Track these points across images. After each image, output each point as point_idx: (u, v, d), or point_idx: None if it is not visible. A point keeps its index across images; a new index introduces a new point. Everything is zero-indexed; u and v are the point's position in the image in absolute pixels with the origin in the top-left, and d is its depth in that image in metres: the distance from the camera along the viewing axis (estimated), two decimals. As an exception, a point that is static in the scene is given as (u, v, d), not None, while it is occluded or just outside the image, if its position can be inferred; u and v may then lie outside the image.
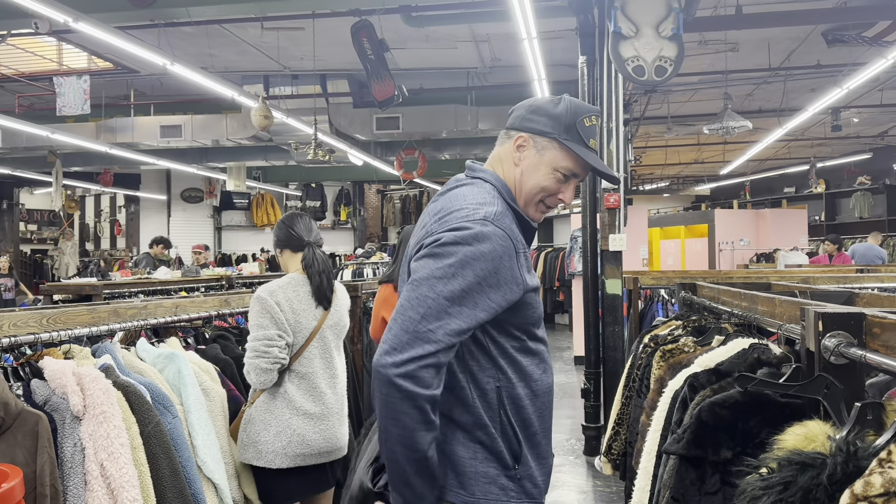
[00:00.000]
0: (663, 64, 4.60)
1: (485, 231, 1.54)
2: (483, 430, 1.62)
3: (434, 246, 1.55)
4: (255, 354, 2.67)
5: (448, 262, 1.51)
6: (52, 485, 1.83)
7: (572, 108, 1.69)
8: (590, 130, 1.69)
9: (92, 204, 18.96)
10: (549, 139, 1.68)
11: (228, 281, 7.41)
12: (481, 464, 1.62)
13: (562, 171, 1.69)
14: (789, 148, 15.27)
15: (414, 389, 1.43)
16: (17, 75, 9.19)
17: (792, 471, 1.12)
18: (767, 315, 2.35)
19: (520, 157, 1.71)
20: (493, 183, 1.71)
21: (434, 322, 1.47)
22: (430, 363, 1.45)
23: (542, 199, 1.72)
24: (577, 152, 1.67)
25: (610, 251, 5.33)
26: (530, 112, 1.72)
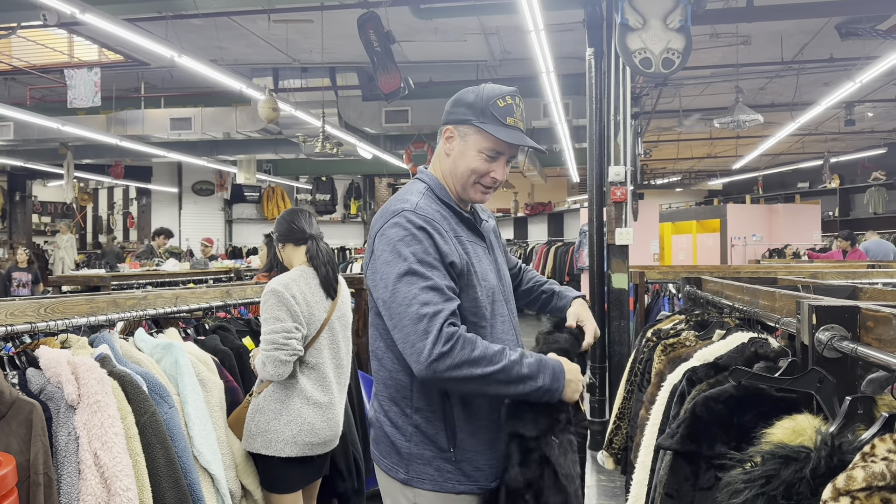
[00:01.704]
0: (671, 56, 4.56)
1: (400, 221, 1.74)
2: (420, 415, 1.77)
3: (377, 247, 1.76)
4: (273, 347, 2.67)
5: (388, 258, 1.72)
6: (45, 473, 1.84)
7: (485, 93, 1.83)
8: (505, 110, 1.82)
9: (105, 196, 19.09)
10: (468, 125, 1.83)
11: (237, 273, 7.44)
12: (416, 446, 1.78)
13: (486, 151, 1.83)
14: (803, 143, 15.13)
15: (452, 367, 1.60)
16: (28, 67, 9.25)
17: (775, 464, 1.11)
18: (768, 309, 2.32)
19: (449, 147, 1.87)
20: (424, 180, 1.90)
21: (417, 307, 1.64)
22: (440, 333, 1.61)
23: (477, 181, 1.86)
24: (492, 132, 1.79)
25: (616, 245, 5.30)
26: (452, 105, 1.87)
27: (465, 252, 1.80)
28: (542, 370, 1.68)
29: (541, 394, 1.67)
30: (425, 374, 1.62)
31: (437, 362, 1.60)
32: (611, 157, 5.26)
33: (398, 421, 1.80)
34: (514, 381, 1.64)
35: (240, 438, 2.74)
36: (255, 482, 2.68)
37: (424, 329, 1.61)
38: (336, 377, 2.90)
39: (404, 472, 1.79)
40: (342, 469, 3.17)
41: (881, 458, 0.98)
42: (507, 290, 1.98)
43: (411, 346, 1.63)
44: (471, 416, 1.78)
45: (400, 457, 1.80)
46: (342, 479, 3.18)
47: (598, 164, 5.42)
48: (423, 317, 1.62)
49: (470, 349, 1.61)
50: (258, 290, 3.49)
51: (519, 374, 1.64)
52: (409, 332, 1.64)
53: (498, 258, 2.00)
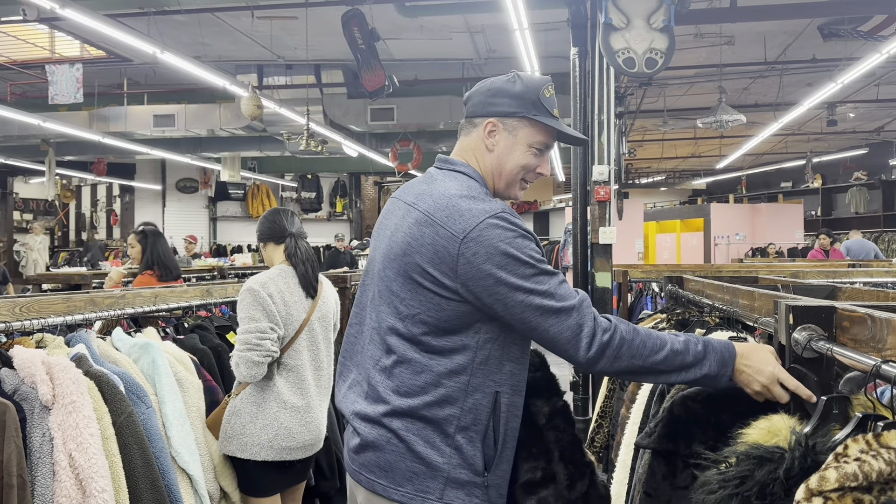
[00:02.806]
0: (654, 56, 4.57)
1: (501, 224, 1.62)
2: (464, 434, 1.60)
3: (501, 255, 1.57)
4: (246, 347, 2.62)
5: (502, 262, 1.57)
6: (19, 475, 1.81)
7: (531, 83, 1.72)
8: (551, 100, 1.73)
9: (88, 193, 18.93)
10: (517, 119, 1.71)
11: (220, 271, 7.39)
12: (454, 469, 1.59)
13: (537, 145, 1.73)
14: (786, 143, 15.26)
15: (612, 360, 1.57)
16: (8, 63, 9.14)
17: (749, 465, 1.11)
18: (748, 309, 2.33)
19: (493, 142, 1.73)
20: (472, 176, 1.72)
21: (561, 301, 1.58)
22: (595, 324, 1.57)
23: (523, 177, 1.76)
24: (550, 124, 1.71)
25: (600, 244, 5.31)
26: (491, 96, 1.73)
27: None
28: (708, 356, 1.59)
29: (707, 382, 1.61)
30: (590, 368, 1.58)
31: (602, 357, 1.56)
32: (595, 156, 5.27)
33: (436, 440, 1.60)
34: (677, 370, 1.60)
35: (217, 440, 2.70)
36: (232, 484, 2.66)
37: (579, 325, 1.55)
38: (315, 379, 2.86)
39: (437, 498, 1.58)
40: (324, 468, 3.15)
41: (854, 458, 0.98)
42: None
43: (570, 346, 1.56)
44: (508, 438, 1.66)
45: (434, 481, 1.59)
46: (325, 479, 3.16)
47: (583, 164, 5.43)
48: (572, 312, 1.55)
49: (629, 339, 1.57)
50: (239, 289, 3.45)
51: (683, 363, 1.59)
52: (562, 332, 1.56)
53: None
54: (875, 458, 0.96)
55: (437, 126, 10.04)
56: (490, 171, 1.74)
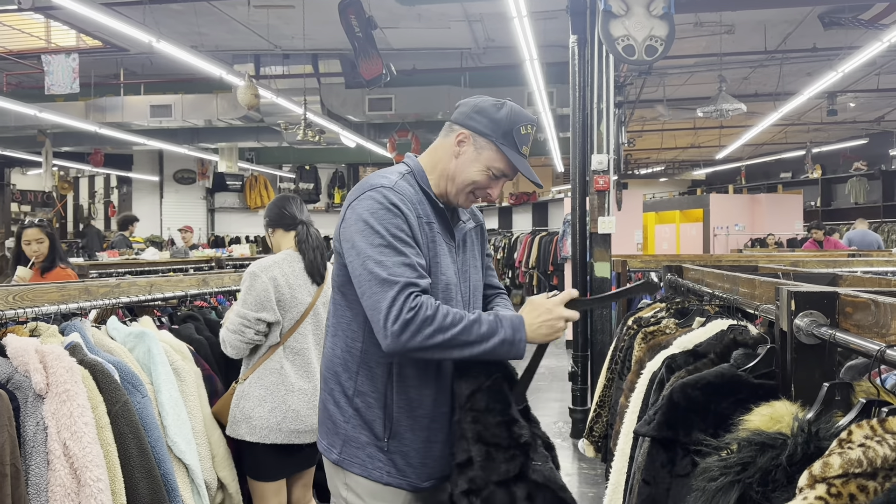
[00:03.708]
0: (654, 43, 4.54)
1: (376, 196, 1.76)
2: (361, 399, 1.80)
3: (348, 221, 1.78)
4: (230, 330, 2.71)
5: (361, 228, 1.74)
6: (12, 464, 1.79)
7: (512, 116, 1.84)
8: (524, 138, 1.85)
9: (85, 185, 18.86)
10: (487, 140, 1.84)
11: (218, 262, 7.36)
12: (353, 429, 1.80)
13: (494, 170, 1.85)
14: (786, 133, 15.21)
15: (415, 332, 1.63)
16: (4, 53, 9.08)
17: (752, 451, 1.09)
18: (748, 297, 2.31)
19: (459, 150, 1.86)
20: (409, 165, 1.90)
21: (387, 278, 1.67)
22: (406, 302, 1.64)
23: (472, 191, 1.88)
24: (510, 158, 1.83)
25: (599, 234, 5.29)
26: (474, 111, 1.86)
27: (434, 241, 1.82)
28: (501, 324, 1.70)
29: (506, 347, 1.69)
30: (390, 345, 1.64)
31: (402, 333, 1.62)
32: (594, 145, 5.24)
33: (340, 401, 1.83)
34: (477, 341, 1.67)
35: (225, 425, 2.72)
36: (231, 475, 2.64)
37: (393, 298, 1.63)
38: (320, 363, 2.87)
39: (338, 452, 1.82)
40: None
41: (858, 444, 0.96)
42: (470, 295, 1.97)
43: (379, 317, 1.65)
44: (412, 410, 1.79)
45: (336, 437, 1.83)
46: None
47: (582, 153, 5.40)
48: (393, 287, 1.64)
49: (433, 315, 1.63)
50: (236, 279, 3.44)
51: (479, 334, 1.67)
52: (378, 303, 1.65)
53: (469, 261, 1.98)
54: (880, 443, 0.94)
55: (436, 116, 9.98)
56: (447, 174, 1.87)
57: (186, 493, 2.29)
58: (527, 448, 1.71)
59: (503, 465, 1.68)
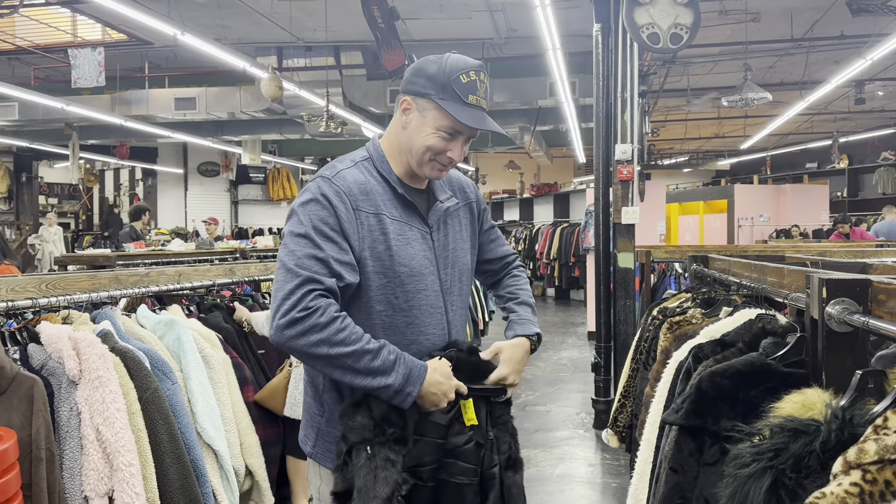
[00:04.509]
0: (679, 31, 4.49)
1: (311, 186, 1.70)
2: (329, 395, 1.76)
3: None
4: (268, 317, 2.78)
5: (291, 218, 1.69)
6: (47, 448, 1.83)
7: (448, 66, 1.70)
8: (468, 86, 1.69)
9: (111, 177, 19.09)
10: (427, 99, 1.71)
11: (242, 253, 7.43)
12: (327, 423, 1.77)
13: (444, 130, 1.71)
14: (812, 122, 14.99)
15: (299, 335, 1.55)
16: (32, 47, 9.21)
17: (784, 437, 1.08)
18: (776, 286, 2.29)
19: (406, 119, 1.75)
20: (368, 149, 1.82)
21: (294, 269, 1.60)
22: (302, 299, 1.56)
23: (433, 158, 1.74)
24: (451, 111, 1.67)
25: (623, 224, 5.26)
26: (412, 74, 1.75)
27: (384, 232, 1.70)
28: (398, 368, 1.58)
29: (390, 394, 1.57)
30: (274, 336, 1.56)
31: (287, 328, 1.53)
32: (618, 135, 5.21)
33: (314, 395, 1.80)
34: (362, 372, 1.56)
35: (276, 410, 2.80)
36: (259, 462, 2.67)
37: (290, 291, 1.55)
38: None
39: (311, 445, 1.79)
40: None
41: (894, 430, 0.95)
42: (451, 281, 1.83)
43: (274, 305, 1.57)
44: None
45: (311, 429, 1.80)
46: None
47: (605, 143, 5.37)
48: (295, 279, 1.56)
49: (325, 323, 1.53)
50: (262, 269, 3.48)
51: (368, 367, 1.55)
52: (277, 291, 1.58)
53: (452, 243, 1.85)
54: (917, 429, 0.94)
55: (457, 107, 9.95)
56: (403, 148, 1.77)
57: (215, 479, 2.32)
58: (378, 433, 1.60)
59: (354, 426, 1.61)
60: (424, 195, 1.83)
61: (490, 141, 14.36)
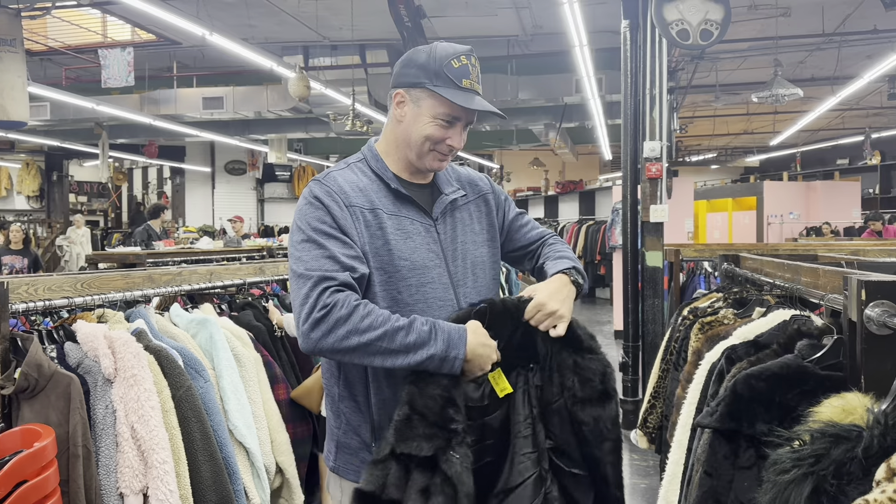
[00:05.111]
0: (709, 27, 4.44)
1: (305, 192, 1.70)
2: (345, 403, 1.71)
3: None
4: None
5: (292, 228, 1.70)
6: (84, 445, 1.86)
7: (438, 53, 1.69)
8: (461, 70, 1.68)
9: (139, 176, 19.35)
10: (421, 89, 1.69)
11: (269, 251, 7.50)
12: (345, 434, 1.72)
13: (441, 117, 1.69)
14: (843, 118, 14.75)
15: (327, 333, 1.52)
16: (63, 48, 9.35)
17: (825, 443, 1.07)
18: (811, 286, 2.26)
19: (401, 113, 1.73)
20: (363, 151, 1.81)
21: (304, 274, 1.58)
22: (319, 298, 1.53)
23: (432, 148, 1.72)
24: (447, 96, 1.65)
25: (651, 223, 5.21)
26: (402, 66, 1.73)
27: (381, 227, 1.67)
28: (435, 336, 1.52)
29: (437, 363, 1.51)
30: (303, 344, 1.54)
31: (312, 331, 1.51)
32: (646, 132, 5.16)
33: (332, 407, 1.76)
34: (401, 351, 1.51)
35: (311, 408, 2.82)
36: (289, 460, 2.69)
37: (306, 295, 1.53)
38: None
39: (333, 459, 1.75)
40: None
41: (940, 437, 0.93)
42: (462, 273, 1.78)
43: (295, 314, 1.55)
44: (391, 411, 1.62)
45: (332, 443, 1.76)
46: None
47: (633, 140, 5.33)
48: (307, 282, 1.54)
49: (347, 314, 1.50)
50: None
51: (404, 343, 1.51)
52: (294, 300, 1.57)
53: (462, 236, 1.81)
54: (964, 436, 0.92)
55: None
56: (400, 142, 1.75)
57: (247, 477, 2.34)
58: (452, 435, 1.50)
59: (419, 439, 1.49)
60: (427, 189, 1.80)
61: (515, 138, 14.32)
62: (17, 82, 6.00)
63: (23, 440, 1.73)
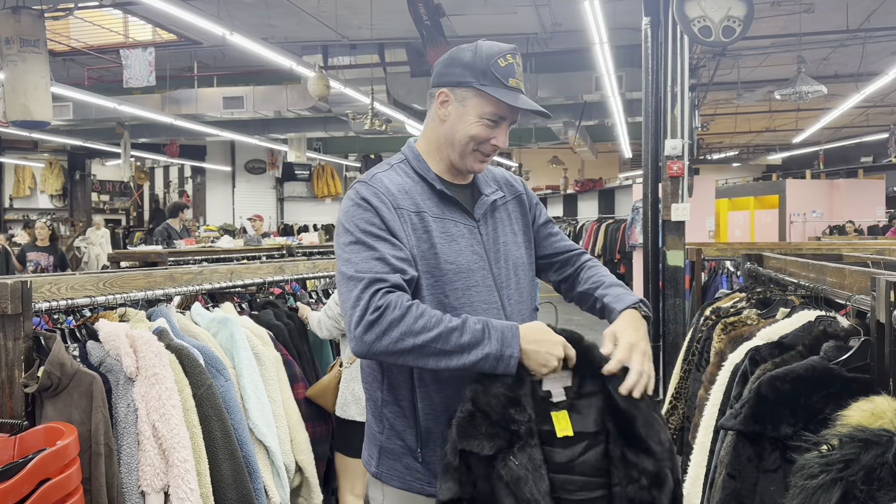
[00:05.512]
0: (731, 24, 4.38)
1: (350, 193, 1.68)
2: (389, 409, 1.67)
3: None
4: (328, 316, 2.92)
5: (338, 230, 1.66)
6: (106, 444, 1.87)
7: (484, 52, 1.66)
8: (507, 69, 1.66)
9: (161, 175, 19.52)
10: (467, 88, 1.66)
11: (288, 250, 7.53)
12: (388, 440, 1.68)
13: (488, 116, 1.67)
14: (867, 115, 14.55)
15: (381, 335, 1.47)
16: (85, 48, 9.45)
17: (854, 448, 1.04)
18: (836, 286, 2.22)
19: (445, 112, 1.70)
20: (404, 151, 1.79)
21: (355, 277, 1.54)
22: (371, 300, 1.49)
23: (476, 148, 1.70)
24: (496, 95, 1.63)
25: (672, 221, 5.16)
26: (446, 66, 1.71)
27: (426, 230, 1.65)
28: (489, 335, 1.48)
29: (492, 363, 1.47)
30: (356, 348, 1.50)
31: (366, 334, 1.47)
32: (667, 130, 5.11)
33: (374, 411, 1.72)
34: (456, 352, 1.47)
35: (327, 407, 2.88)
36: (309, 458, 2.70)
37: (357, 297, 1.50)
38: None
39: (375, 465, 1.71)
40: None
41: (975, 443, 0.91)
42: (506, 275, 1.75)
43: (347, 318, 1.52)
44: (438, 416, 1.63)
45: (374, 448, 1.71)
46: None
47: (654, 138, 5.28)
48: (358, 284, 1.51)
49: (400, 316, 1.47)
50: (310, 267, 3.52)
51: (459, 344, 1.47)
52: (345, 303, 1.53)
53: (503, 237, 1.78)
54: None
55: (501, 103, 9.90)
56: (443, 142, 1.72)
57: (267, 475, 2.35)
58: (513, 437, 1.45)
59: (480, 438, 1.45)
60: (468, 190, 1.78)
61: (534, 136, 14.27)
62: (40, 82, 6.06)
63: (46, 438, 1.75)
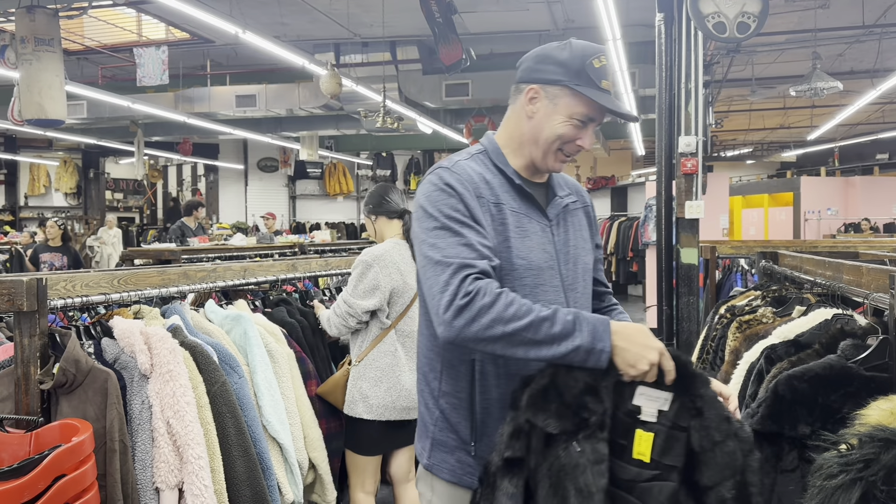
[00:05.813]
0: (746, 20, 4.35)
1: (432, 178, 1.65)
2: (446, 399, 1.67)
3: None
4: (336, 313, 2.90)
5: (420, 215, 1.63)
6: (121, 440, 1.88)
7: (579, 52, 1.64)
8: (600, 71, 1.64)
9: (174, 173, 19.62)
10: (560, 87, 1.64)
11: (301, 247, 7.54)
12: (441, 432, 1.67)
13: (578, 117, 1.65)
14: (883, 112, 14.40)
15: (470, 321, 1.45)
16: (99, 47, 9.50)
17: (874, 448, 1.03)
18: (853, 284, 2.20)
19: (533, 109, 1.68)
20: (483, 143, 1.76)
21: (443, 262, 1.52)
22: (461, 285, 1.47)
23: (560, 147, 1.68)
24: (591, 96, 1.62)
25: (686, 219, 5.13)
26: (538, 62, 1.68)
27: (503, 222, 1.63)
28: (580, 326, 1.44)
29: (582, 355, 1.42)
30: (444, 332, 1.47)
31: (455, 319, 1.45)
32: (681, 127, 5.08)
33: (429, 402, 1.70)
34: (546, 342, 1.43)
35: (336, 405, 2.90)
36: (322, 455, 2.71)
37: (446, 282, 1.47)
38: None
39: (427, 457, 1.70)
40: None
41: None
42: (574, 278, 1.74)
43: (434, 302, 1.49)
44: (496, 411, 1.61)
45: (427, 440, 1.70)
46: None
47: (668, 135, 5.24)
48: (447, 269, 1.48)
49: (491, 302, 1.44)
50: (322, 265, 3.53)
51: (549, 334, 1.43)
52: (432, 288, 1.50)
53: (573, 241, 1.76)
54: None
55: (513, 100, 9.88)
56: (527, 139, 1.70)
57: (280, 472, 2.36)
58: (582, 424, 1.41)
59: (549, 414, 1.42)
60: (543, 189, 1.77)
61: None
62: (54, 81, 6.10)
63: (61, 434, 1.76)
